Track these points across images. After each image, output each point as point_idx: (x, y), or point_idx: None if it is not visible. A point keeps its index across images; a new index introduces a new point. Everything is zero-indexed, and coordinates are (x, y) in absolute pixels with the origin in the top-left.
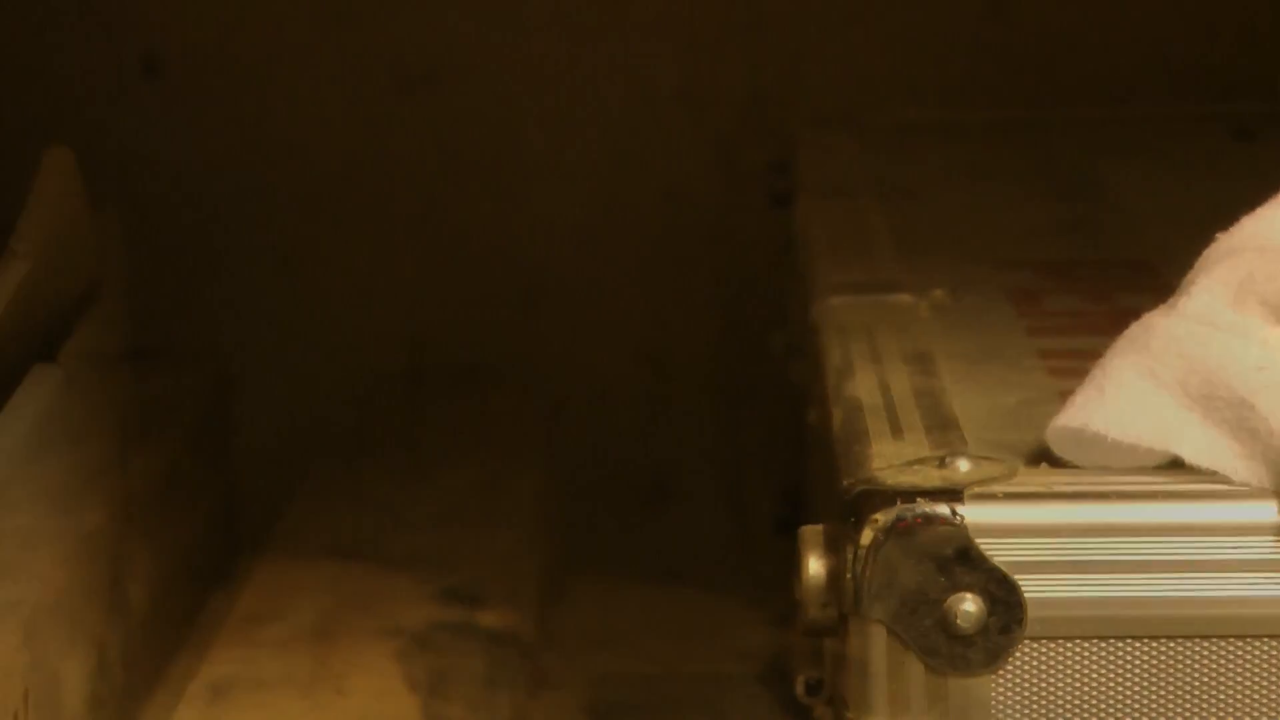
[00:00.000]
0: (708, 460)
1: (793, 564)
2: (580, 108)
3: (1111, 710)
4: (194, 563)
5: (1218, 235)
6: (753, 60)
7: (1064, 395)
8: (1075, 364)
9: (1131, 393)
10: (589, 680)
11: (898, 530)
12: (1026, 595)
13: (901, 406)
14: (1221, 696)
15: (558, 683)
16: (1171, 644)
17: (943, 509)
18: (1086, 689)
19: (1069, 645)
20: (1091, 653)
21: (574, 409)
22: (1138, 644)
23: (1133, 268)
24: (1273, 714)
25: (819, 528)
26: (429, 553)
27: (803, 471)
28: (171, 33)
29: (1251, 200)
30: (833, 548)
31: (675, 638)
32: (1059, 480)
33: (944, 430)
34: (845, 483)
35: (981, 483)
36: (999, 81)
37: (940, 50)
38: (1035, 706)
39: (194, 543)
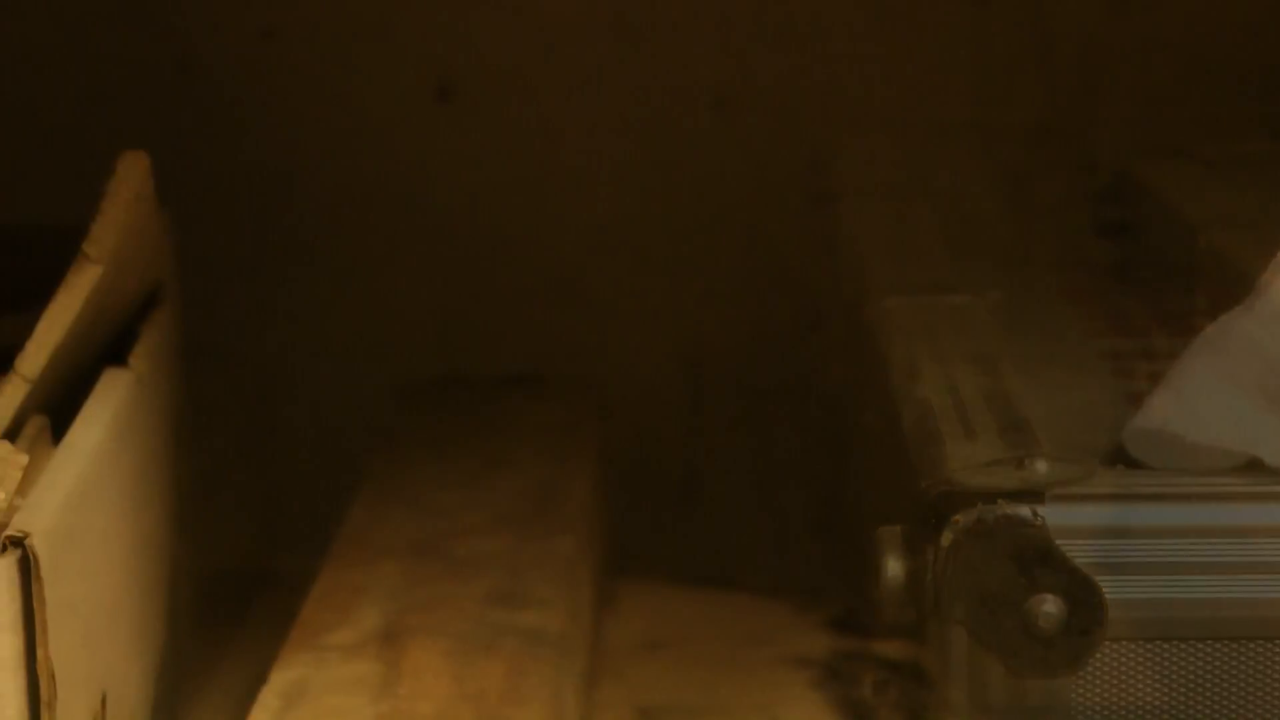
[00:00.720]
0: (742, 462)
1: (870, 565)
2: (619, 113)
3: (1192, 712)
4: (237, 564)
5: None
6: (789, 64)
7: (1130, 397)
8: (1137, 365)
9: (1210, 395)
10: (642, 684)
11: (978, 531)
12: (1108, 596)
13: (971, 407)
14: None
15: (611, 686)
16: (1251, 645)
17: (1024, 510)
18: (1167, 690)
19: (1150, 646)
20: (1173, 654)
21: (611, 411)
22: (1218, 645)
23: (1184, 270)
24: None
25: (896, 528)
26: (490, 557)
27: (841, 474)
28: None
29: None
30: (911, 549)
31: (725, 641)
32: (1139, 482)
33: (1017, 431)
34: (924, 484)
35: (1062, 484)
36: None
37: (972, 54)
38: (1116, 708)
39: (238, 544)
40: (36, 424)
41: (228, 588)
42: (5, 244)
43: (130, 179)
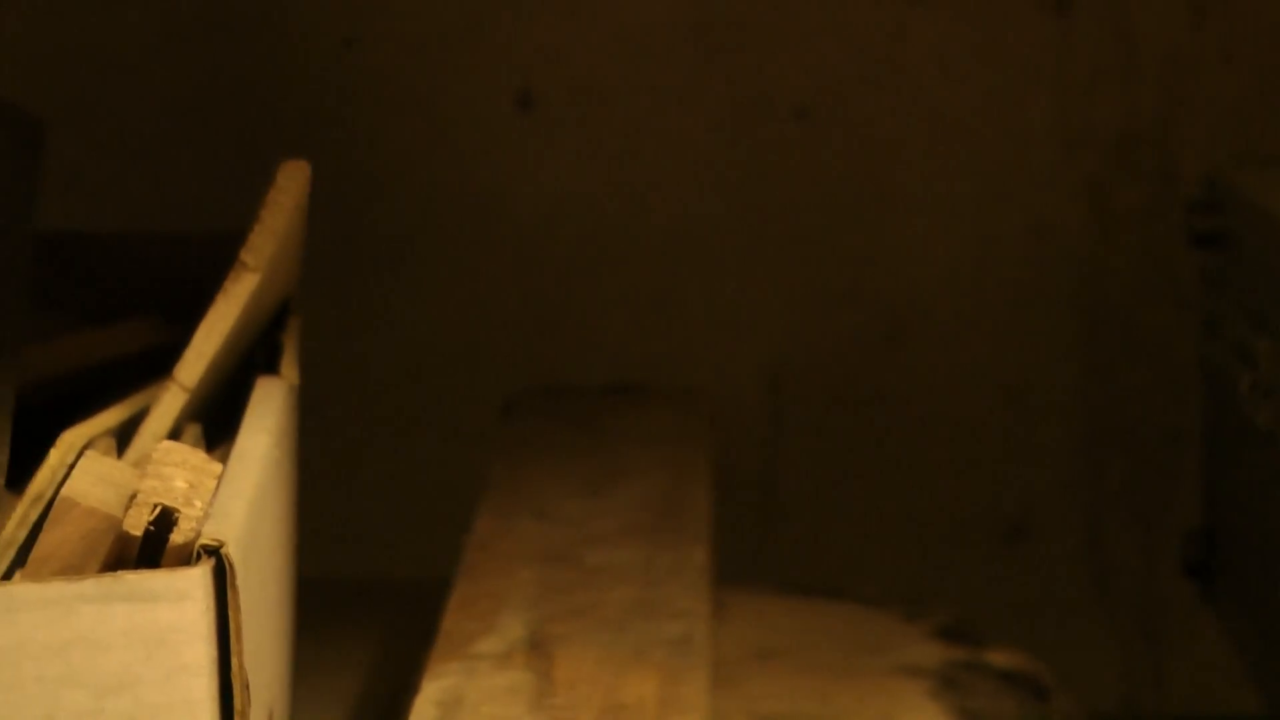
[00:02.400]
0: (822, 473)
1: None
2: (701, 122)
3: None
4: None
5: None
6: (871, 73)
7: None
8: None
9: None
10: (758, 693)
11: None
12: None
13: None
14: None
15: (727, 696)
16: None
17: None
18: None
19: None
20: None
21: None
22: None
23: None
24: None
25: None
26: (625, 567)
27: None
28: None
29: None
30: None
31: (836, 650)
32: None
33: None
34: None
35: None
36: None
37: (1053, 63)
38: None
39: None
40: (193, 432)
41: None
42: (102, 252)
43: (291, 188)
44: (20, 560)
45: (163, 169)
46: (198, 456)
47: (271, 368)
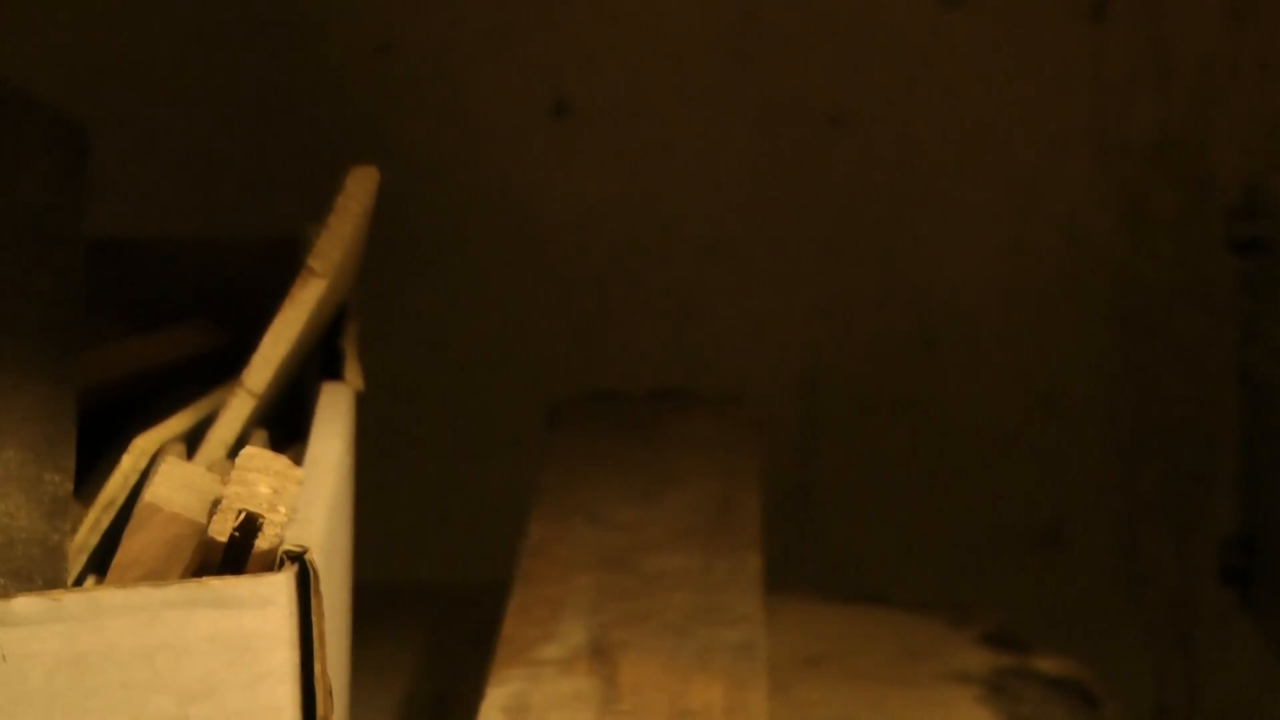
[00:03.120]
0: (855, 478)
1: None
2: (735, 129)
3: None
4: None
5: None
6: (906, 81)
7: None
8: None
9: None
10: (809, 700)
11: None
12: None
13: None
14: None
15: (779, 702)
16: None
17: None
18: None
19: None
20: None
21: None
22: None
23: None
24: None
25: None
26: (682, 573)
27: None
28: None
29: None
30: None
31: (884, 657)
32: None
33: None
34: None
35: None
36: None
37: (1090, 70)
38: None
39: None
40: (260, 438)
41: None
42: (148, 258)
43: (359, 194)
44: (92, 566)
45: (199, 175)
46: (280, 462)
47: (332, 373)
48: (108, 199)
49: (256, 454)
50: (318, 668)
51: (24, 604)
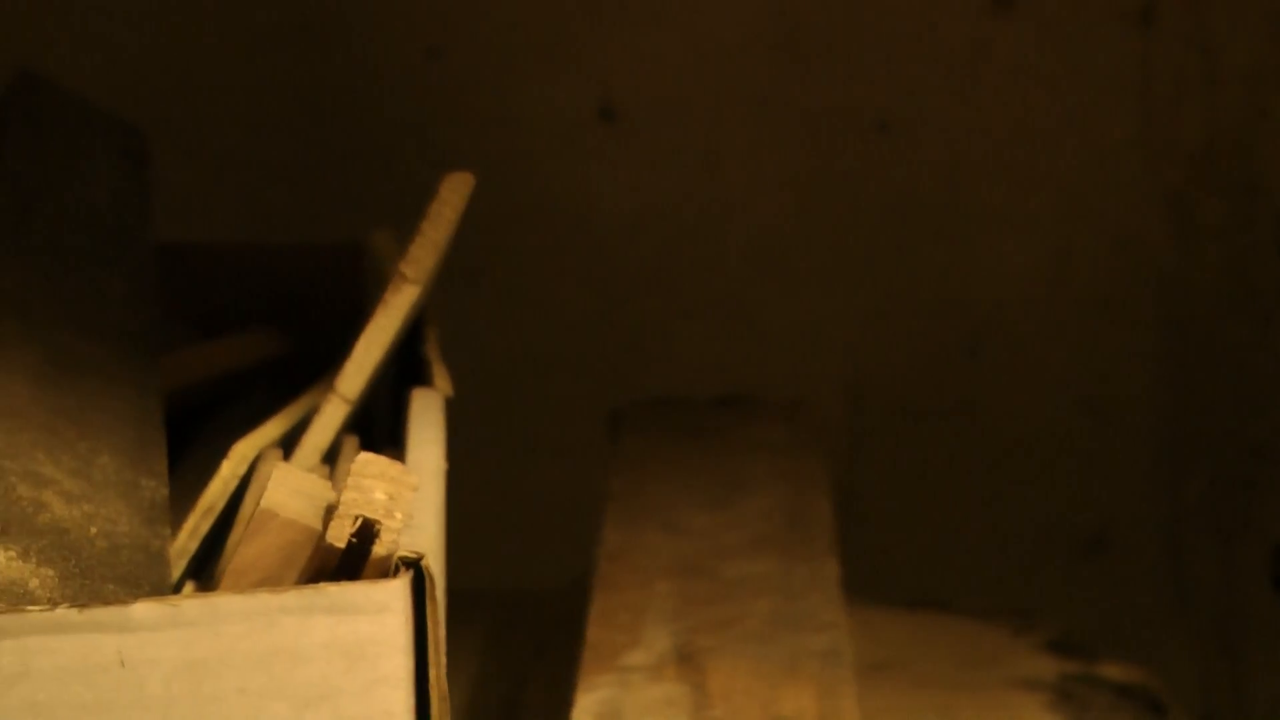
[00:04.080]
0: (901, 484)
1: None
2: (782, 134)
3: None
4: None
5: None
6: (952, 86)
7: None
8: None
9: None
10: (878, 706)
11: None
12: None
13: None
14: None
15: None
16: None
17: None
18: None
19: None
20: None
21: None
22: None
23: None
24: None
25: None
26: (762, 579)
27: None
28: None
29: None
30: None
31: (949, 663)
32: None
33: None
34: None
35: None
36: None
37: (1137, 76)
38: None
39: None
40: (352, 444)
41: None
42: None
43: (453, 200)
44: (190, 572)
45: (247, 180)
46: (396, 468)
47: (415, 379)
48: (157, 204)
49: (372, 460)
50: (433, 673)
51: (143, 610)
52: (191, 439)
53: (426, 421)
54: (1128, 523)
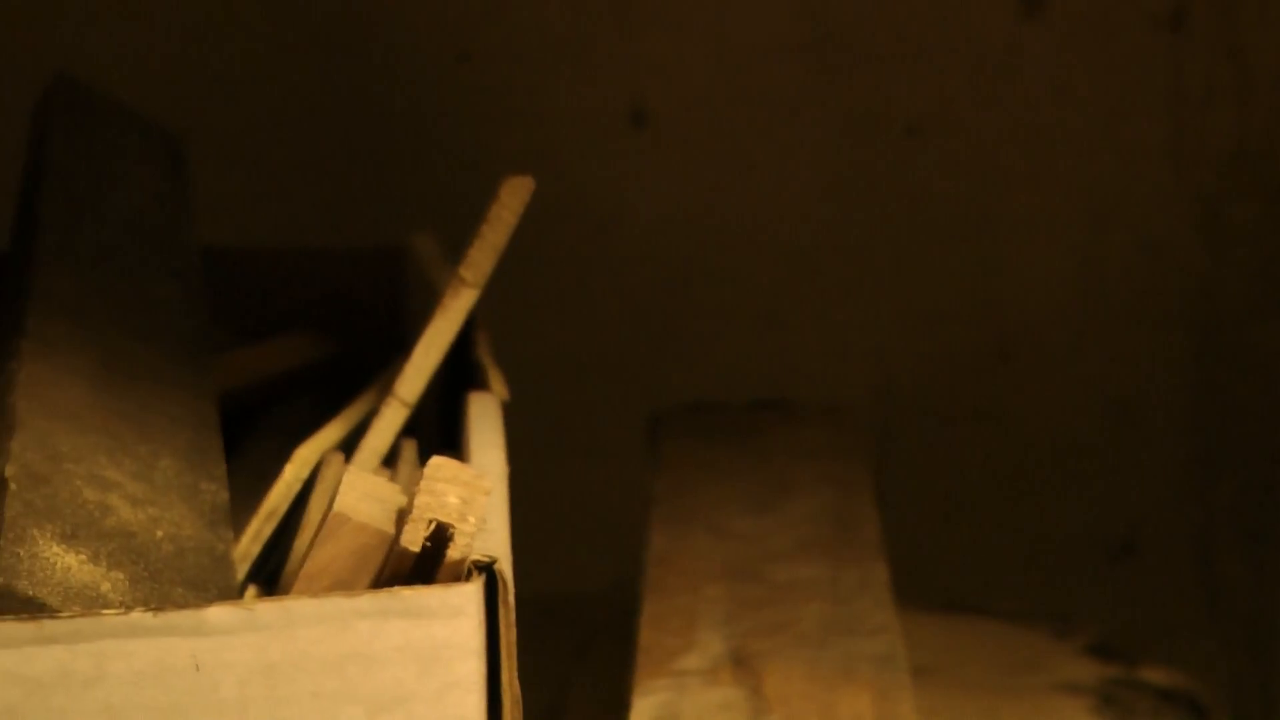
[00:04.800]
0: (931, 489)
1: None
2: (813, 139)
3: None
4: None
5: None
6: (983, 92)
7: None
8: None
9: None
10: (922, 711)
11: None
12: None
13: None
14: None
15: None
16: None
17: None
18: None
19: None
20: None
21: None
22: None
23: None
24: None
25: None
26: (811, 583)
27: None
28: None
29: None
30: None
31: (992, 668)
32: None
33: None
34: None
35: None
36: None
37: (1167, 81)
38: None
39: None
40: (411, 448)
41: None
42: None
43: (513, 204)
44: (252, 575)
45: (277, 183)
46: (468, 473)
47: (469, 382)
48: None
49: (444, 464)
50: (505, 677)
51: (217, 614)
52: (237, 442)
53: (486, 425)
54: (1157, 527)
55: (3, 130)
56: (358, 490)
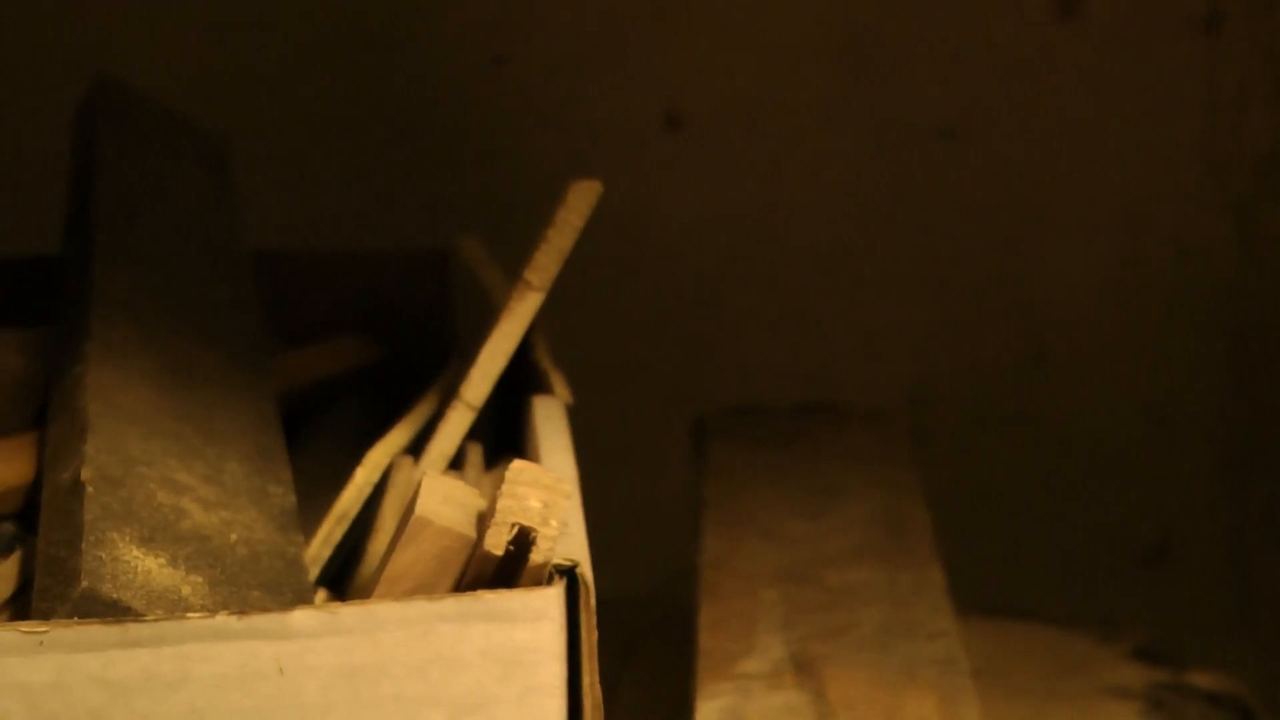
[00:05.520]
0: (964, 492)
1: None
2: (847, 142)
3: None
4: None
5: None
6: (1017, 95)
7: None
8: None
9: None
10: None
11: None
12: None
13: None
14: None
15: None
16: None
17: None
18: None
19: None
20: None
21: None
22: None
23: None
24: None
25: None
26: (867, 587)
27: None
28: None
29: None
30: None
31: (1040, 671)
32: None
33: None
34: None
35: None
36: None
37: (1203, 84)
38: None
39: None
40: (477, 451)
41: None
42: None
43: (581, 208)
44: (323, 579)
45: (312, 186)
46: (549, 476)
47: (528, 386)
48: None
49: (525, 468)
50: (586, 681)
51: (302, 617)
52: (288, 445)
53: (554, 429)
54: (1190, 530)
55: (43, 132)
56: (438, 494)
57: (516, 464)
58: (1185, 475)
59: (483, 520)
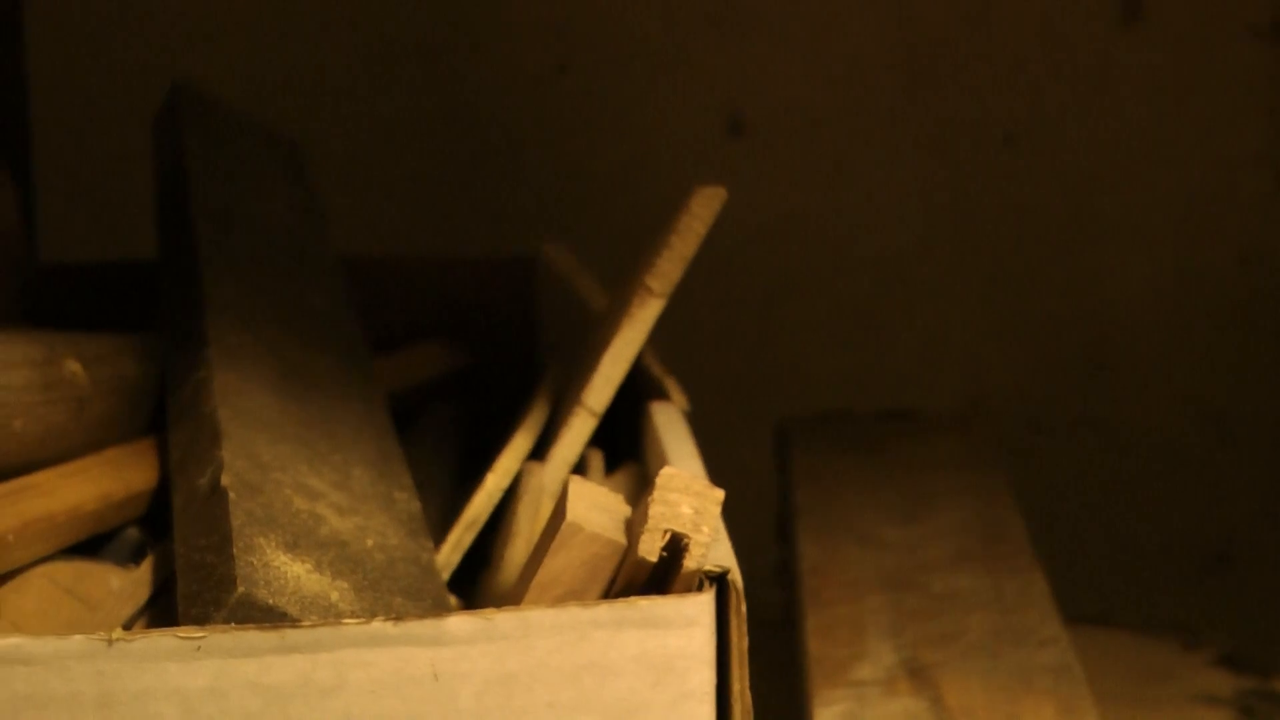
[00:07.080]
0: (1022, 497)
1: None
2: (909, 148)
3: None
4: None
5: None
6: (1078, 101)
7: None
8: None
9: None
10: None
11: None
12: None
13: None
14: None
15: None
16: None
17: None
18: None
19: None
20: None
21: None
22: None
23: None
24: None
25: None
26: (972, 593)
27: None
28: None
29: None
30: None
31: (1127, 679)
32: None
33: None
34: None
35: None
36: None
37: (1265, 91)
38: None
39: None
40: (598, 457)
41: None
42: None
43: (704, 214)
44: (450, 585)
45: (376, 192)
46: (700, 483)
47: (646, 392)
48: None
49: (676, 474)
50: (736, 688)
51: (457, 623)
52: None
53: (677, 435)
54: (1250, 536)
55: (114, 139)
56: (586, 500)
57: (667, 471)
58: (1247, 482)
59: (630, 526)
